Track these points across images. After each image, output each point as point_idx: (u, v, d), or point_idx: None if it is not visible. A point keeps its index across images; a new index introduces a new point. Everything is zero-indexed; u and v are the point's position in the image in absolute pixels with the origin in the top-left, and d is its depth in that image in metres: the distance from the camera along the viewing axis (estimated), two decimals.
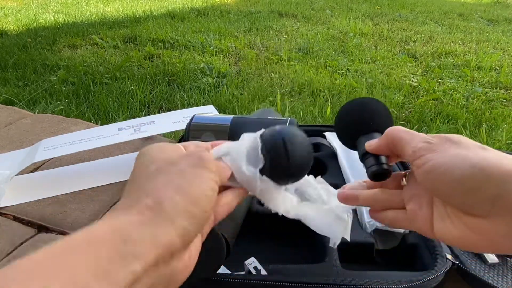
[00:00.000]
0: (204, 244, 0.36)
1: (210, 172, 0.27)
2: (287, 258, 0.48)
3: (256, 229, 0.48)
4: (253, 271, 0.41)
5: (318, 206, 0.37)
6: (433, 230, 0.29)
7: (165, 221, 0.23)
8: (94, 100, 1.90)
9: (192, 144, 0.31)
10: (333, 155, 0.66)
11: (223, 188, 0.31)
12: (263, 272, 0.41)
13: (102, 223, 0.22)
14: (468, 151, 0.26)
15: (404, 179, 0.33)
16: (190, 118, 0.61)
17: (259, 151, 0.31)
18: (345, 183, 0.59)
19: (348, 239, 0.38)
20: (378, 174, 0.33)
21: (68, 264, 0.19)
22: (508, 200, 0.24)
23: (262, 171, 0.31)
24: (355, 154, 0.38)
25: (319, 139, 0.69)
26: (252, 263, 0.41)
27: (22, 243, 0.55)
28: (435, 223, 0.28)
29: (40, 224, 0.59)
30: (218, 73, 2.27)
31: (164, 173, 0.26)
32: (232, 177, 0.31)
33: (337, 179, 0.60)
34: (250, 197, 0.44)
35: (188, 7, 4.18)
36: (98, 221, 0.22)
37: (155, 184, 0.25)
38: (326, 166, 0.64)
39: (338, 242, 0.38)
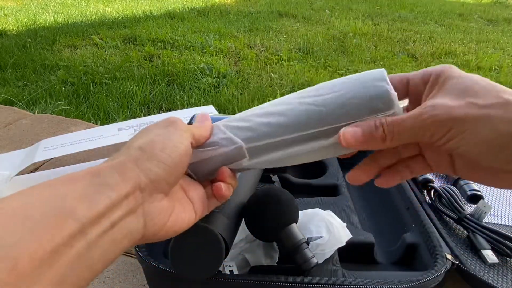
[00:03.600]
0: (203, 244, 0.36)
1: (180, 129, 0.30)
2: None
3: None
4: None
5: None
6: (455, 169, 0.28)
7: (131, 163, 0.26)
8: (93, 100, 1.90)
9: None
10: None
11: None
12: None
13: (82, 170, 0.25)
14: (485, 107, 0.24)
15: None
16: (190, 118, 0.62)
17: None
18: (345, 184, 0.59)
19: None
20: None
21: (53, 191, 0.22)
22: None
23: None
24: None
25: None
26: (229, 266, 0.41)
27: None
28: (457, 169, 0.28)
29: None
30: (218, 73, 2.27)
31: (139, 136, 0.29)
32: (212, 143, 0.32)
33: (337, 179, 0.60)
34: (246, 196, 0.44)
35: (188, 7, 4.17)
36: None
37: (130, 143, 0.28)
38: (326, 166, 0.64)
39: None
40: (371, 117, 0.28)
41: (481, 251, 0.48)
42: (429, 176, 0.59)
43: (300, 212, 0.44)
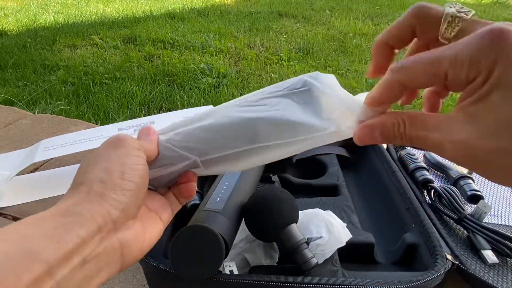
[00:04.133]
0: (203, 244, 0.36)
1: (131, 148, 0.29)
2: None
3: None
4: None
5: None
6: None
7: (96, 198, 0.25)
8: (94, 101, 1.90)
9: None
10: (333, 155, 0.66)
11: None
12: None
13: (46, 210, 0.24)
14: None
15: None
16: None
17: None
18: (344, 184, 0.59)
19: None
20: None
21: (18, 233, 0.22)
22: None
23: None
24: None
25: None
26: (229, 266, 0.41)
27: None
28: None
29: None
30: (218, 73, 2.27)
31: (92, 164, 0.28)
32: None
33: (337, 180, 0.60)
34: (246, 196, 0.44)
35: (188, 8, 4.17)
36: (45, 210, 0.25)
37: (86, 174, 0.27)
38: (326, 166, 0.64)
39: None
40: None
41: (481, 251, 0.48)
42: (429, 176, 0.59)
43: (300, 212, 0.44)
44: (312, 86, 0.30)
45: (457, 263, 0.44)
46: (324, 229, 0.43)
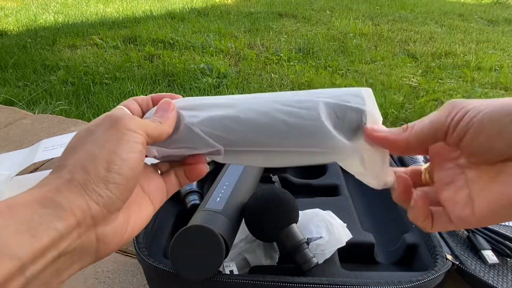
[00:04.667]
0: (203, 244, 0.36)
1: (127, 132, 0.25)
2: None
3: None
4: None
5: None
6: (474, 210, 0.25)
7: (77, 188, 0.23)
8: (94, 101, 1.90)
9: (116, 107, 0.30)
10: None
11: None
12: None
13: (24, 192, 0.23)
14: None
15: (425, 173, 0.30)
16: None
17: None
18: (344, 184, 0.59)
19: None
20: None
21: None
22: None
23: None
24: None
25: None
26: (229, 266, 0.41)
27: None
28: (475, 198, 0.25)
29: None
30: (218, 74, 2.27)
31: (82, 145, 0.25)
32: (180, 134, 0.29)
33: (337, 180, 0.60)
34: (246, 196, 0.44)
35: (188, 8, 4.18)
36: (24, 191, 0.23)
37: (72, 155, 0.25)
38: (326, 166, 0.64)
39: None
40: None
41: (481, 251, 0.48)
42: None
43: (300, 212, 0.44)
44: (364, 112, 0.29)
45: (457, 263, 0.44)
46: (324, 229, 0.43)
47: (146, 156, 0.29)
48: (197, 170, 0.31)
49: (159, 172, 0.31)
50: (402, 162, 0.64)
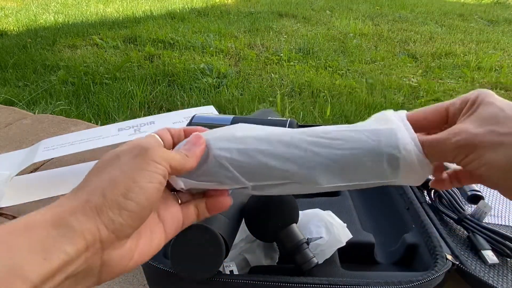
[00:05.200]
0: (203, 244, 0.36)
1: (151, 163, 0.26)
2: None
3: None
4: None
5: None
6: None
7: (92, 211, 0.23)
8: (94, 101, 1.90)
9: (149, 134, 0.30)
10: None
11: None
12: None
13: (42, 209, 0.23)
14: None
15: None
16: (190, 118, 0.62)
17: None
18: None
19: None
20: None
21: (5, 242, 0.21)
22: None
23: None
24: None
25: None
26: (229, 266, 0.41)
27: None
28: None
29: None
30: (218, 74, 2.27)
31: (106, 168, 0.26)
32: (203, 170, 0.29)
33: None
34: (246, 196, 0.44)
35: (188, 8, 4.17)
36: (43, 207, 0.24)
37: (94, 177, 0.26)
38: None
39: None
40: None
41: (482, 251, 0.48)
42: (429, 176, 0.59)
43: (300, 212, 0.44)
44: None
45: (457, 263, 0.44)
46: (324, 229, 0.43)
47: (172, 190, 0.30)
48: (220, 203, 0.31)
49: (179, 201, 0.31)
50: None
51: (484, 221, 0.52)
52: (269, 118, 0.64)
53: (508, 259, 0.48)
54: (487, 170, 0.27)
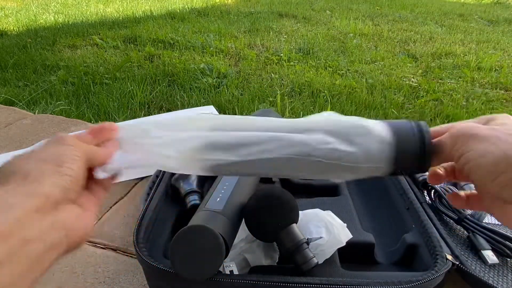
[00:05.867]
0: (203, 244, 0.36)
1: (69, 146, 0.30)
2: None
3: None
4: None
5: None
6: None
7: (34, 182, 0.26)
8: (94, 101, 1.90)
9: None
10: None
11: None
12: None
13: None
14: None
15: None
16: None
17: None
18: (345, 184, 0.59)
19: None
20: None
21: None
22: None
23: None
24: None
25: None
26: (229, 266, 0.41)
27: None
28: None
29: None
30: (218, 74, 2.27)
31: (32, 157, 0.29)
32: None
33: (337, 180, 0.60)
34: (246, 196, 0.44)
35: (188, 8, 4.17)
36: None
37: (24, 165, 0.28)
38: None
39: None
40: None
41: (481, 251, 0.48)
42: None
43: (300, 212, 0.44)
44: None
45: (457, 263, 0.44)
46: (324, 229, 0.44)
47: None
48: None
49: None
50: None
51: (484, 221, 0.52)
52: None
53: (508, 259, 0.48)
54: (476, 167, 0.27)
